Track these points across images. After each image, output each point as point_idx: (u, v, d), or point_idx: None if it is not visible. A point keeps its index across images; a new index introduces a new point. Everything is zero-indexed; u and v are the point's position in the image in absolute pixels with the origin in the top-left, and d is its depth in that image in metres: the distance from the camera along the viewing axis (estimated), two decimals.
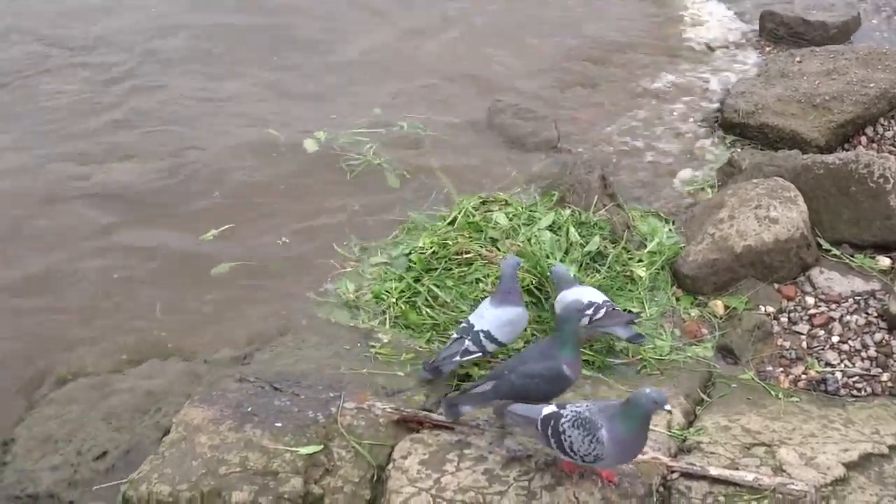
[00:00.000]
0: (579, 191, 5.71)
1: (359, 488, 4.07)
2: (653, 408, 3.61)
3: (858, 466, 4.07)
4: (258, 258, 5.72)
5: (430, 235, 5.53)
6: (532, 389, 4.03)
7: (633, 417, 3.63)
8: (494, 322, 4.55)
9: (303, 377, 4.62)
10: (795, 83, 6.80)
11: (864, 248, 5.53)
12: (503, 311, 4.56)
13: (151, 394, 4.75)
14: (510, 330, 4.61)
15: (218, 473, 4.07)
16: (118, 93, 7.38)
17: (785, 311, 5.21)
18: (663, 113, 7.11)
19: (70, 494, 4.32)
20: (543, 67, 7.77)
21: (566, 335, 4.05)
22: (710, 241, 5.33)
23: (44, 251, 5.79)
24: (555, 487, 3.89)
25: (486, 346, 4.54)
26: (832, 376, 4.80)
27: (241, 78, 7.63)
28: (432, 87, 7.53)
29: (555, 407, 3.82)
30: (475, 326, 4.55)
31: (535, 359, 4.09)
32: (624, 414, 3.64)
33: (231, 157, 6.62)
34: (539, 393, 4.03)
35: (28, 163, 6.53)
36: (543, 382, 4.03)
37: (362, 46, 8.12)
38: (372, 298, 5.25)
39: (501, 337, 4.56)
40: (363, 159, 6.46)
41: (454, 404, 4.17)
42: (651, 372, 4.77)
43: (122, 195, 6.27)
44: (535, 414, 3.82)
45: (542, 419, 3.79)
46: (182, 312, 5.37)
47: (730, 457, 4.09)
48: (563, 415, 3.74)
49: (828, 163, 5.56)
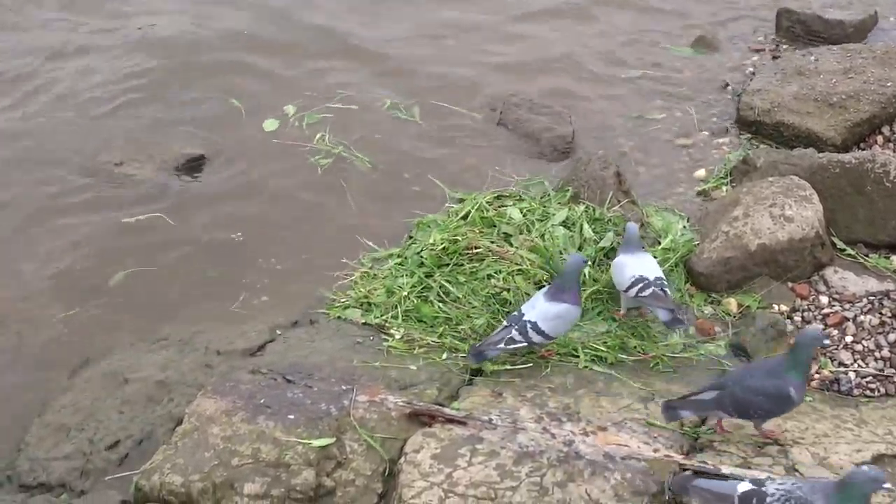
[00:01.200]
0: (594, 187, 5.70)
1: (371, 481, 4.08)
2: (873, 488, 3.34)
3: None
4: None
5: (441, 231, 5.52)
6: (754, 405, 4.04)
7: (853, 499, 3.35)
8: (543, 315, 4.57)
9: (316, 369, 4.63)
10: (812, 81, 6.77)
11: (879, 248, 5.51)
12: (553, 305, 4.58)
13: (164, 384, 4.76)
14: (558, 324, 4.62)
15: (230, 465, 4.08)
16: None
17: (798, 310, 5.19)
18: (679, 109, 7.07)
19: (82, 484, 4.33)
20: (559, 62, 7.73)
21: (799, 359, 4.03)
22: (724, 238, 5.31)
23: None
24: (566, 484, 3.89)
25: (533, 338, 4.56)
26: (845, 376, 4.79)
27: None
28: (446, 79, 7.51)
29: (750, 484, 3.52)
30: (524, 316, 4.57)
31: (762, 375, 4.06)
32: (843, 494, 3.35)
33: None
34: (760, 410, 4.06)
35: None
36: (767, 401, 4.02)
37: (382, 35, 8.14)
38: (384, 293, 5.25)
39: (548, 330, 4.58)
40: (359, 158, 6.45)
41: (673, 407, 4.18)
42: (664, 369, 4.76)
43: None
44: (730, 490, 3.53)
45: (740, 497, 3.49)
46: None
47: (742, 455, 4.09)
48: (768, 493, 3.43)
49: (844, 162, 5.54)
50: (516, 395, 4.46)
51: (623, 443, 4.13)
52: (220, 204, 6.17)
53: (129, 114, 7.06)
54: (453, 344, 4.90)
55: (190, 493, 4.02)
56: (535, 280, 5.13)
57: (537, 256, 5.24)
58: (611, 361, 4.79)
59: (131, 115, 7.05)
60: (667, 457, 4.05)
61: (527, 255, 5.24)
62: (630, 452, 4.07)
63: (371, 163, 6.44)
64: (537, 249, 5.27)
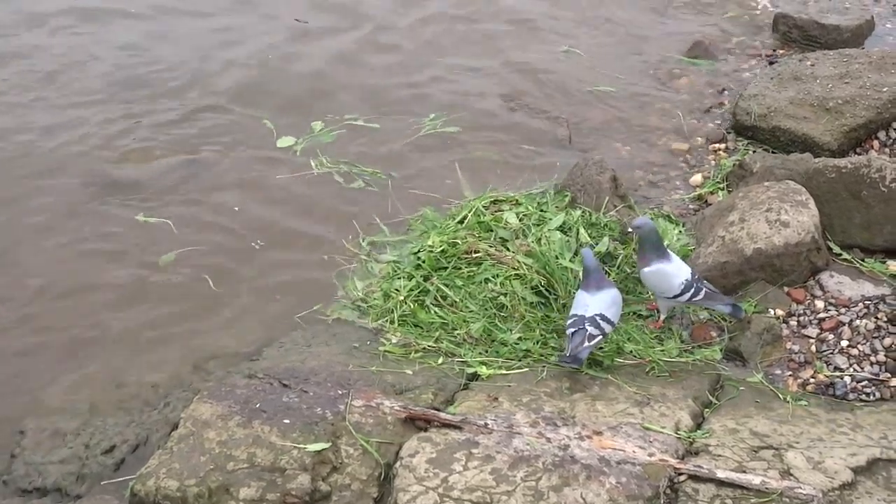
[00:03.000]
0: (590, 191, 5.71)
1: (366, 486, 4.08)
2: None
3: (866, 471, 4.05)
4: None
5: (439, 234, 5.53)
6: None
7: None
8: (603, 305, 4.68)
9: (311, 374, 4.63)
10: (808, 86, 6.78)
11: (875, 253, 5.52)
12: (605, 294, 4.72)
13: (160, 388, 4.77)
14: (616, 310, 4.77)
15: (226, 469, 4.08)
16: None
17: (794, 314, 5.20)
18: (675, 115, 7.08)
19: (77, 488, 4.33)
20: (555, 67, 7.74)
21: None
22: (720, 243, 5.32)
23: None
24: (562, 488, 3.89)
25: (605, 329, 4.66)
26: (841, 380, 4.79)
27: None
28: (444, 82, 7.52)
29: None
30: (588, 313, 4.65)
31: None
32: None
33: None
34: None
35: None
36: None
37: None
38: (381, 296, 5.26)
39: (612, 317, 4.71)
40: (360, 168, 6.47)
41: None
42: (659, 374, 4.77)
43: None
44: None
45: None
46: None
47: (737, 460, 4.09)
48: None
49: (840, 167, 5.55)
50: (512, 400, 4.46)
51: (618, 447, 4.13)
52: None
53: None
54: (449, 348, 4.91)
55: (185, 498, 4.01)
56: (532, 285, 5.14)
57: (534, 261, 5.24)
58: (606, 366, 4.80)
59: None
60: (662, 461, 4.05)
61: (524, 260, 5.25)
62: (625, 456, 4.07)
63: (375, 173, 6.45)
64: (534, 254, 5.27)
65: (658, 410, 4.42)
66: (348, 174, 6.38)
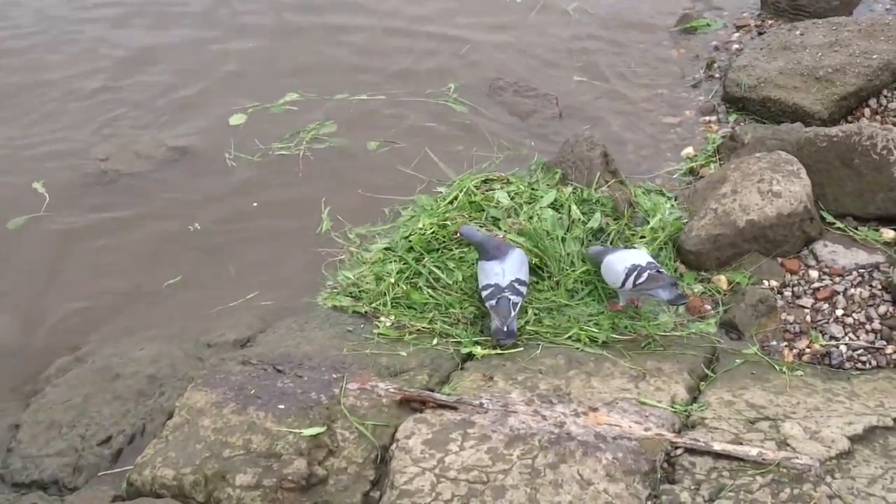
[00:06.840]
0: (581, 168, 5.68)
1: (362, 469, 4.07)
2: None
3: (863, 439, 4.05)
4: None
5: (430, 216, 5.51)
6: None
7: None
8: (514, 268, 4.81)
9: (306, 359, 4.62)
10: (798, 56, 6.74)
11: (868, 221, 5.50)
12: (513, 258, 4.86)
13: (154, 377, 4.75)
14: (526, 269, 4.93)
15: (222, 456, 4.08)
16: None
17: (789, 285, 5.18)
18: (665, 88, 7.05)
19: (75, 480, 4.32)
20: (544, 42, 7.70)
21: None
22: (712, 216, 5.30)
23: None
24: (558, 465, 3.89)
25: (523, 292, 4.79)
26: (836, 350, 4.79)
27: None
28: (430, 63, 7.49)
29: None
30: (504, 282, 4.74)
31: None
32: None
33: None
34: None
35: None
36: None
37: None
38: (373, 280, 5.24)
39: (525, 277, 4.86)
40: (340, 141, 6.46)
41: None
42: (655, 348, 4.75)
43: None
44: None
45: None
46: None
47: (734, 432, 4.08)
48: None
49: (831, 135, 5.52)
50: (507, 379, 4.45)
51: (614, 422, 4.13)
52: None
53: None
54: (443, 329, 4.89)
55: (182, 486, 4.01)
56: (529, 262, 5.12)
57: (526, 239, 5.22)
58: (601, 341, 4.78)
59: None
60: (658, 435, 4.05)
61: (516, 238, 5.23)
62: (621, 432, 4.07)
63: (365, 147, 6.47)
64: (525, 232, 5.25)
65: (653, 385, 4.41)
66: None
